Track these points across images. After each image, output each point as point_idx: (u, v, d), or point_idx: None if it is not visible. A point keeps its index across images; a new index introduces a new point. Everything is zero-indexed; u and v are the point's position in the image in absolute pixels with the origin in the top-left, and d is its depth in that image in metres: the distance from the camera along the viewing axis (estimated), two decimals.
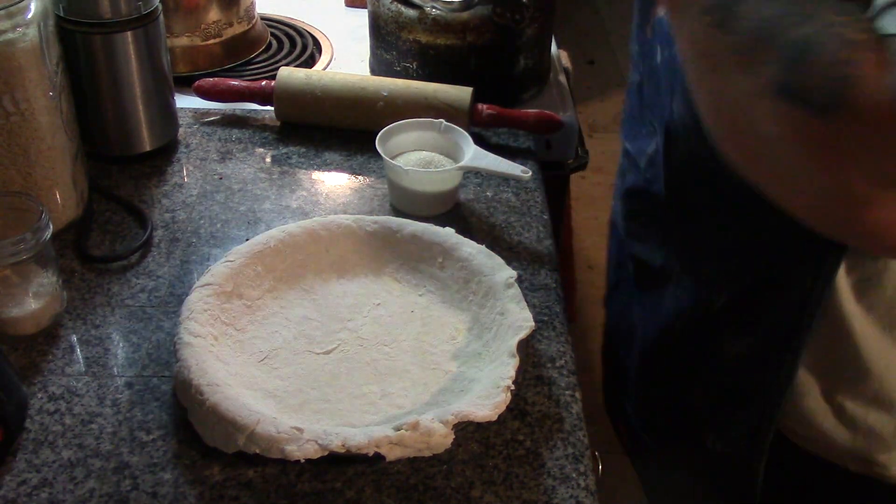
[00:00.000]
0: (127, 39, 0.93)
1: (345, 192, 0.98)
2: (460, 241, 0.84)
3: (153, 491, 0.67)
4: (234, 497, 0.66)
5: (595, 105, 2.93)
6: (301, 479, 0.68)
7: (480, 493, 0.68)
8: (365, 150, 1.03)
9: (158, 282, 0.86)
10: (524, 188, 0.99)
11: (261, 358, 0.76)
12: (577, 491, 0.68)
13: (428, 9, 1.06)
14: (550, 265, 0.89)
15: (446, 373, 0.76)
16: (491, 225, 0.94)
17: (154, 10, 0.95)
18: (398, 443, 0.66)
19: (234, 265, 0.80)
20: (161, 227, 0.92)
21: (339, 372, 0.76)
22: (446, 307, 0.82)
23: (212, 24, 1.16)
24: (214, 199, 0.96)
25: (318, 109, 1.05)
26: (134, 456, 0.69)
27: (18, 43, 0.79)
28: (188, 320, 0.75)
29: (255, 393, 0.72)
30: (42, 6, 0.82)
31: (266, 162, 1.02)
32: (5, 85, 0.80)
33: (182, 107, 1.08)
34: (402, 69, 1.12)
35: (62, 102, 0.86)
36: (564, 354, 0.80)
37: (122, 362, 0.77)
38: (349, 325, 0.80)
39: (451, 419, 0.67)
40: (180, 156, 1.03)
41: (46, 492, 0.66)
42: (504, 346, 0.74)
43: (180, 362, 0.71)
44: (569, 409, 0.75)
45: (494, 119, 1.05)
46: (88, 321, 0.81)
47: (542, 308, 0.84)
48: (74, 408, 0.73)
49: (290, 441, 0.65)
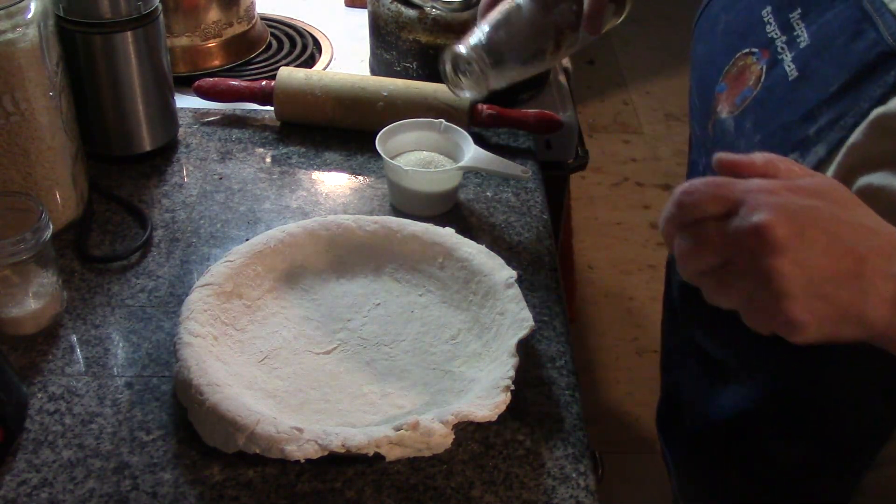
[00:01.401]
0: (127, 39, 0.93)
1: (345, 192, 0.99)
2: (460, 241, 0.84)
3: (153, 491, 0.67)
4: (234, 497, 0.66)
5: (595, 105, 2.94)
6: (301, 479, 0.68)
7: (480, 493, 0.68)
8: (365, 150, 1.03)
9: (158, 282, 0.86)
10: (524, 188, 0.99)
11: (261, 358, 0.76)
12: (577, 491, 0.68)
13: (428, 9, 1.06)
14: (550, 265, 0.89)
15: (446, 373, 0.76)
16: (491, 225, 0.94)
17: (154, 10, 0.95)
18: (398, 443, 0.66)
19: (234, 265, 0.80)
20: (161, 227, 0.92)
21: (339, 372, 0.76)
22: (446, 307, 0.82)
23: (212, 24, 1.16)
24: (214, 199, 0.96)
25: (318, 109, 1.05)
26: (134, 456, 0.69)
27: (18, 43, 0.79)
28: (188, 320, 0.75)
29: (255, 393, 0.72)
30: (42, 6, 0.82)
31: (266, 162, 1.02)
32: (5, 85, 0.80)
33: (182, 107, 1.08)
34: (402, 69, 1.12)
35: (62, 102, 0.86)
36: (564, 354, 0.80)
37: (122, 362, 0.77)
38: (349, 325, 0.80)
39: (451, 419, 0.67)
40: (180, 156, 1.03)
41: (46, 492, 0.66)
42: (504, 346, 0.74)
43: (180, 362, 0.71)
44: (569, 409, 0.75)
45: (494, 119, 1.05)
46: (88, 321, 0.81)
47: (542, 308, 0.84)
48: (74, 408, 0.73)
49: (290, 441, 0.65)
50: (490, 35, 0.86)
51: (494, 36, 0.86)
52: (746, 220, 0.47)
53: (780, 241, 0.46)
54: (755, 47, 0.70)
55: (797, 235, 0.46)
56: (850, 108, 0.59)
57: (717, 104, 0.72)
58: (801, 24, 0.66)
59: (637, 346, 2.07)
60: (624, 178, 2.61)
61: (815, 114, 0.61)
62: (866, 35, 0.60)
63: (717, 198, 0.49)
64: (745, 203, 0.48)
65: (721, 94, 0.71)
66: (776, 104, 0.65)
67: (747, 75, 0.69)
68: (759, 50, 0.69)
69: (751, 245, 0.47)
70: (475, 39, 0.86)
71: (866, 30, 0.60)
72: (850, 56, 0.60)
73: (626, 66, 3.15)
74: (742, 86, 0.69)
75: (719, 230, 0.48)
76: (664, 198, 2.51)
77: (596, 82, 3.03)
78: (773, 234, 0.46)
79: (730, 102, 0.70)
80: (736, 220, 0.47)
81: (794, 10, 0.67)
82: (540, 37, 0.88)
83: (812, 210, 0.48)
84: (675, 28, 2.93)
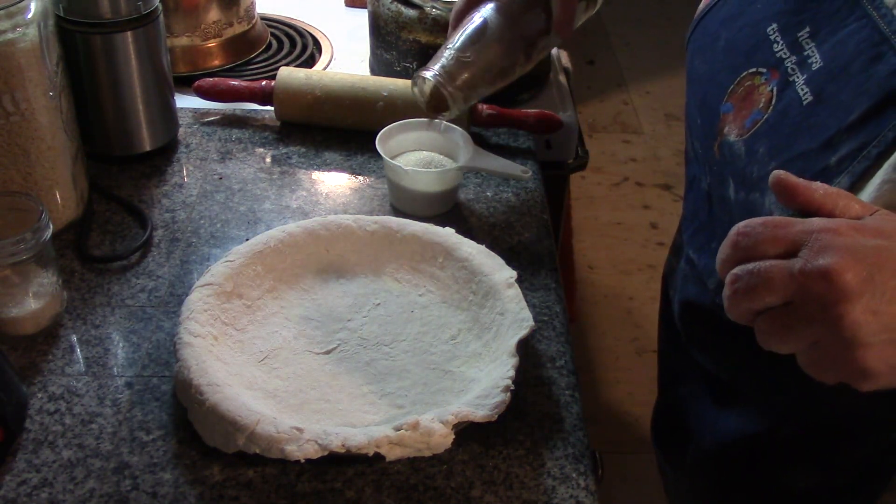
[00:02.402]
0: (127, 39, 0.93)
1: (345, 192, 0.99)
2: (460, 241, 0.84)
3: (153, 491, 0.67)
4: (234, 497, 0.66)
5: (595, 105, 2.94)
6: (301, 479, 0.68)
7: (480, 493, 0.68)
8: (365, 150, 1.03)
9: (158, 282, 0.86)
10: (524, 188, 0.99)
11: (261, 358, 0.76)
12: (577, 491, 0.68)
13: (428, 9, 1.06)
14: (550, 265, 0.89)
15: (446, 373, 0.76)
16: (491, 225, 0.94)
17: (154, 10, 0.95)
18: (398, 443, 0.66)
19: (234, 265, 0.80)
20: (161, 227, 0.92)
21: (339, 372, 0.76)
22: (446, 307, 0.82)
23: (212, 24, 1.16)
24: (214, 199, 0.96)
25: (318, 109, 1.05)
26: (134, 456, 0.69)
27: (18, 43, 0.79)
28: (188, 320, 0.75)
29: (255, 393, 0.72)
30: (42, 6, 0.82)
31: (266, 162, 1.02)
32: (5, 85, 0.80)
33: (182, 107, 1.08)
34: (402, 69, 1.12)
35: (62, 102, 0.86)
36: (564, 354, 0.80)
37: (122, 362, 0.77)
38: (349, 325, 0.80)
39: (451, 419, 0.67)
40: (180, 156, 1.03)
41: (46, 492, 0.66)
42: (504, 346, 0.74)
43: (180, 362, 0.71)
44: (569, 409, 0.75)
45: (494, 119, 1.05)
46: (88, 321, 0.81)
47: (542, 308, 0.84)
48: (74, 408, 0.73)
49: (290, 441, 0.65)
50: (457, 57, 0.85)
51: (462, 57, 0.85)
52: (812, 263, 0.45)
53: (851, 287, 0.44)
54: (762, 67, 0.67)
55: (868, 281, 0.44)
56: (873, 136, 0.57)
57: (724, 125, 0.69)
58: (812, 44, 0.63)
59: (637, 346, 2.07)
60: (624, 178, 2.61)
61: (836, 142, 0.59)
62: (886, 59, 0.57)
63: (777, 239, 0.46)
64: (810, 244, 0.45)
65: (727, 115, 0.69)
66: (791, 130, 0.63)
67: (756, 97, 0.66)
68: (767, 70, 0.67)
69: (819, 290, 0.44)
70: (441, 63, 0.86)
71: (885, 53, 0.58)
72: (871, 81, 0.58)
73: (626, 66, 3.15)
74: (751, 107, 0.67)
75: (782, 271, 0.46)
76: (664, 197, 2.52)
77: (596, 82, 3.03)
78: (843, 280, 0.44)
79: (738, 125, 0.67)
80: (800, 262, 0.45)
81: (803, 29, 0.65)
82: (509, 52, 0.87)
83: (880, 251, 0.45)
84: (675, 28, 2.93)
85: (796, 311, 0.46)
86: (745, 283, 0.46)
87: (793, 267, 0.45)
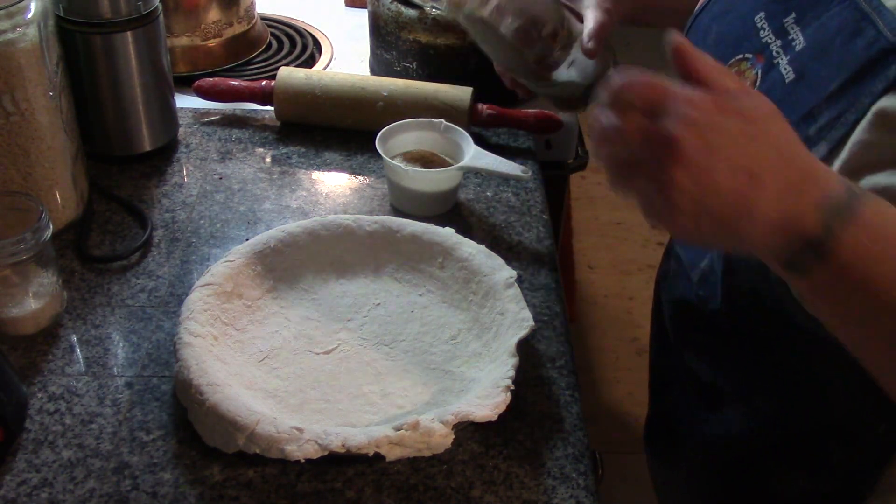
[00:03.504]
0: (127, 39, 0.93)
1: (345, 192, 0.99)
2: (460, 241, 0.84)
3: (153, 491, 0.67)
4: (234, 497, 0.66)
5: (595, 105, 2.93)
6: (301, 479, 0.68)
7: (480, 493, 0.68)
8: (365, 150, 1.03)
9: (158, 282, 0.86)
10: (524, 188, 0.99)
11: (261, 358, 0.76)
12: (577, 491, 0.68)
13: (428, 9, 1.06)
14: (550, 265, 0.89)
15: (446, 373, 0.76)
16: (491, 225, 0.94)
17: (154, 10, 0.95)
18: (398, 443, 0.66)
19: (234, 265, 0.80)
20: (161, 227, 0.92)
21: (339, 372, 0.76)
22: (446, 307, 0.82)
23: (212, 24, 1.16)
24: (214, 199, 0.96)
25: (318, 109, 1.05)
26: (134, 456, 0.69)
27: (18, 43, 0.79)
28: (188, 320, 0.75)
29: (255, 393, 0.72)
30: (42, 6, 0.82)
31: (266, 162, 1.02)
32: (5, 85, 0.80)
33: (182, 107, 1.08)
34: (402, 69, 1.12)
35: (62, 102, 0.86)
36: (564, 354, 0.80)
37: (122, 362, 0.77)
38: (349, 324, 0.80)
39: (451, 419, 0.67)
40: (180, 156, 1.03)
41: (46, 492, 0.66)
42: (504, 346, 0.74)
43: (180, 362, 0.71)
44: (569, 409, 0.75)
45: (494, 119, 1.05)
46: (88, 321, 0.81)
47: (542, 308, 0.84)
48: (74, 408, 0.73)
49: (290, 441, 0.65)
50: None
51: None
52: (661, 126, 0.49)
53: (685, 156, 0.48)
54: (749, 53, 0.69)
55: (703, 151, 0.48)
56: (850, 105, 0.59)
57: None
58: (797, 28, 0.66)
59: (637, 346, 2.07)
60: None
61: (815, 113, 0.61)
62: (865, 33, 0.60)
63: (647, 98, 0.50)
64: (668, 111, 0.49)
65: None
66: None
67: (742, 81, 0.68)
68: (753, 55, 0.69)
69: (659, 153, 0.49)
70: None
71: (865, 28, 0.60)
72: (849, 55, 0.60)
73: None
74: None
75: (639, 126, 0.50)
76: None
77: None
78: (680, 148, 0.48)
79: None
80: (655, 124, 0.49)
81: (788, 15, 0.67)
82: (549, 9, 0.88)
83: (729, 130, 0.49)
84: None
85: (639, 165, 0.50)
86: (607, 129, 0.51)
87: (645, 126, 0.49)
